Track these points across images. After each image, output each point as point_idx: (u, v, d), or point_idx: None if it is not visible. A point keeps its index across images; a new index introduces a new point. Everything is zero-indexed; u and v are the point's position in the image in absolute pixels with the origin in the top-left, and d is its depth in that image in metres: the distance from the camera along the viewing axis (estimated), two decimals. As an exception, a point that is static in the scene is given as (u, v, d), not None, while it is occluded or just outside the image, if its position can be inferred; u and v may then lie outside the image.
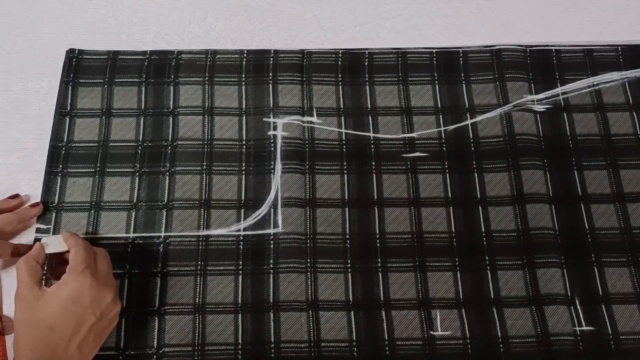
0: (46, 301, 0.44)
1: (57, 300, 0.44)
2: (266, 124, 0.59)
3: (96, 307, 0.45)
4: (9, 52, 0.63)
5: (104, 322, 0.45)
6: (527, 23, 0.66)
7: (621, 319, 0.52)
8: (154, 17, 0.65)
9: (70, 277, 0.45)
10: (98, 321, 0.45)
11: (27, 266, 0.45)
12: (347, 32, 0.65)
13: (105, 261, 0.48)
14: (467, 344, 0.51)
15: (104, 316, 0.45)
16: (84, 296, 0.44)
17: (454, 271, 0.54)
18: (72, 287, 0.44)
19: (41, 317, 0.44)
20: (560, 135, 0.60)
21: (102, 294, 0.45)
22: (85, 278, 0.44)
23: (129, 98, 0.60)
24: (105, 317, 0.45)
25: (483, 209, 0.56)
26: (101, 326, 0.45)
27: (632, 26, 0.65)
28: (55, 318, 0.43)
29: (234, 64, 0.62)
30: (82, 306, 0.44)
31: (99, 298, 0.45)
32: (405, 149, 0.59)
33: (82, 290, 0.44)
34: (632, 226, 0.56)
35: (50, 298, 0.44)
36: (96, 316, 0.45)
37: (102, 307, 0.45)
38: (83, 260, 0.46)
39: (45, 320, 0.43)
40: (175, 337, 0.51)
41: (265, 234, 0.55)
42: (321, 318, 0.52)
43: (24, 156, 0.58)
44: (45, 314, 0.44)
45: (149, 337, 0.51)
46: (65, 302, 0.44)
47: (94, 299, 0.45)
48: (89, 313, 0.44)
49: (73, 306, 0.44)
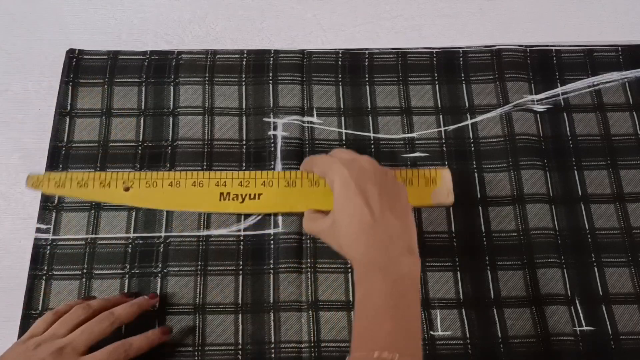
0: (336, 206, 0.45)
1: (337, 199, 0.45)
2: (266, 124, 0.59)
3: (368, 176, 0.45)
4: (9, 52, 0.63)
5: (388, 188, 0.45)
6: (527, 23, 0.66)
7: (621, 319, 0.52)
8: (154, 17, 0.65)
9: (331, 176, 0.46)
10: (382, 188, 0.44)
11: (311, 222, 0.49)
12: (347, 32, 0.65)
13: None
14: (467, 344, 0.51)
15: (383, 183, 0.45)
16: (348, 178, 0.45)
17: (454, 271, 0.54)
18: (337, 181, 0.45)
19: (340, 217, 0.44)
20: (560, 135, 0.60)
21: (361, 165, 0.46)
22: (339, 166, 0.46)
23: (129, 98, 0.60)
24: (385, 184, 0.45)
25: (483, 209, 0.56)
26: (390, 191, 0.45)
27: (632, 26, 0.66)
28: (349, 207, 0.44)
29: (234, 64, 0.62)
30: (355, 183, 0.44)
31: (361, 169, 0.46)
32: (405, 149, 0.59)
33: (344, 175, 0.45)
34: (632, 226, 0.56)
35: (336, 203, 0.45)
36: (376, 184, 0.44)
37: (374, 176, 0.45)
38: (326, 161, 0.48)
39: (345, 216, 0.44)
40: (175, 337, 0.51)
41: (265, 234, 0.55)
42: (321, 318, 0.52)
43: (24, 156, 0.58)
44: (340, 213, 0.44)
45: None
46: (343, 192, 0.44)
47: (361, 172, 0.45)
48: (368, 184, 0.44)
49: (349, 189, 0.44)
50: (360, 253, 0.43)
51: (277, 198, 0.53)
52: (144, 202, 0.54)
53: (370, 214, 0.43)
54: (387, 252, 0.42)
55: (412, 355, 0.39)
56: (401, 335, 0.39)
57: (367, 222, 0.43)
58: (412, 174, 0.54)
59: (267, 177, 0.54)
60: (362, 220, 0.43)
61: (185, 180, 0.54)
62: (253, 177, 0.54)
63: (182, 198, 0.54)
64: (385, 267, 0.41)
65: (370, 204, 0.43)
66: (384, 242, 0.42)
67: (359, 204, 0.43)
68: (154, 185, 0.54)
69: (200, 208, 0.55)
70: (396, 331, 0.39)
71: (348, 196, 0.44)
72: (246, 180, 0.54)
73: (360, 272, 0.43)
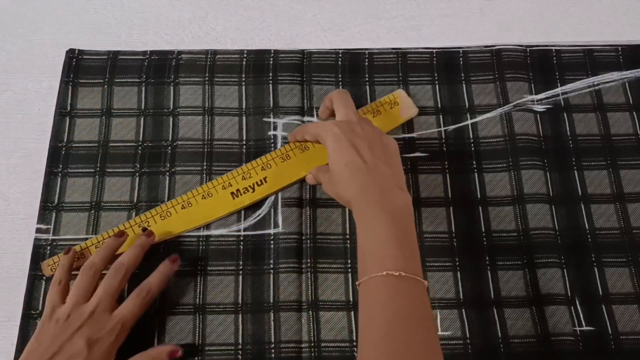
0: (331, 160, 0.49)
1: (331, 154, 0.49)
2: (266, 124, 0.59)
3: (357, 133, 0.49)
4: (9, 52, 0.63)
5: (376, 142, 0.49)
6: (527, 23, 0.66)
7: (621, 319, 0.52)
8: (154, 17, 0.65)
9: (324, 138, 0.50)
10: (370, 142, 0.48)
11: (321, 172, 0.53)
12: (347, 32, 0.65)
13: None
14: (467, 344, 0.51)
15: (371, 138, 0.49)
16: (339, 135, 0.49)
17: (454, 271, 0.54)
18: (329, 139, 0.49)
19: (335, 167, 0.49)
20: (560, 135, 0.60)
21: (350, 126, 0.50)
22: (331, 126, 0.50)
23: (129, 98, 0.60)
24: (373, 138, 0.49)
25: (483, 209, 0.56)
26: (378, 144, 0.49)
27: (632, 26, 0.66)
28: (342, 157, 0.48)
29: (234, 64, 0.62)
30: (346, 139, 0.48)
31: (350, 129, 0.49)
32: (405, 149, 0.59)
33: (335, 132, 0.49)
34: (632, 226, 0.56)
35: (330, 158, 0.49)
36: (364, 138, 0.49)
37: (362, 132, 0.49)
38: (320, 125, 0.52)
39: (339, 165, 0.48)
40: (175, 337, 0.51)
41: (265, 234, 0.55)
42: (321, 318, 0.52)
43: (24, 156, 0.58)
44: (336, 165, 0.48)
45: (149, 337, 0.51)
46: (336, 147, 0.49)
47: (350, 131, 0.49)
48: (357, 139, 0.48)
49: (341, 144, 0.48)
50: (356, 192, 0.47)
51: (281, 174, 0.56)
52: (167, 235, 0.54)
53: (363, 161, 0.47)
54: (380, 190, 0.46)
55: (415, 273, 0.43)
56: (404, 257, 0.43)
57: (359, 167, 0.47)
58: (375, 105, 0.59)
59: (263, 162, 0.56)
60: (354, 166, 0.47)
61: (195, 197, 0.55)
62: (252, 167, 0.56)
63: (200, 213, 0.55)
64: (381, 202, 0.45)
65: (361, 154, 0.48)
66: (376, 182, 0.46)
67: (351, 153, 0.48)
68: (168, 215, 0.54)
69: (220, 213, 0.55)
70: (400, 254, 0.43)
71: (340, 149, 0.48)
72: (247, 172, 0.56)
73: (358, 209, 0.46)
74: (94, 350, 0.45)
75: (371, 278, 0.43)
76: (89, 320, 0.46)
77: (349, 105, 0.53)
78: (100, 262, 0.49)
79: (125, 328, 0.47)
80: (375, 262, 0.43)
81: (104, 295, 0.47)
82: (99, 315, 0.46)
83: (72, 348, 0.45)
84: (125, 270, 0.49)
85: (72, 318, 0.46)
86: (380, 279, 0.42)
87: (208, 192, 0.55)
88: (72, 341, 0.45)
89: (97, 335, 0.46)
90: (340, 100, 0.53)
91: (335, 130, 0.49)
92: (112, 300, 0.48)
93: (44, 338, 0.45)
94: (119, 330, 0.47)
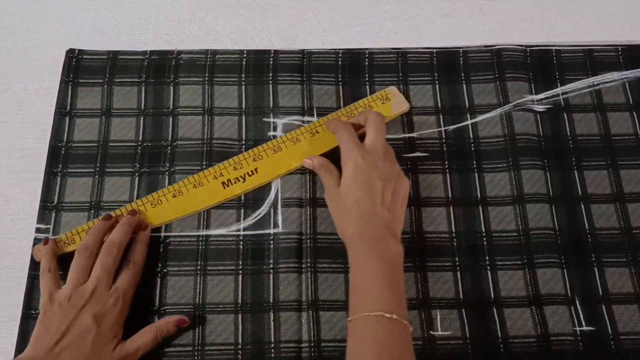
0: (344, 185, 0.52)
1: (346, 180, 0.52)
2: (266, 124, 0.59)
3: (377, 171, 0.51)
4: (9, 52, 0.63)
5: (391, 183, 0.51)
6: (527, 23, 0.66)
7: (621, 319, 0.52)
8: (154, 17, 0.65)
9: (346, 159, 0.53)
10: (385, 183, 0.51)
11: (327, 173, 0.54)
12: (347, 32, 0.65)
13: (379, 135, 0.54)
14: (467, 344, 0.51)
15: (388, 178, 0.51)
16: (361, 167, 0.51)
17: (454, 271, 0.54)
18: (350, 165, 0.52)
19: (345, 196, 0.51)
20: (561, 135, 0.60)
21: (374, 159, 0.52)
22: (357, 153, 0.52)
23: (128, 98, 0.60)
24: (390, 179, 0.51)
25: (483, 209, 0.56)
26: (391, 186, 0.51)
27: (632, 26, 0.66)
28: (355, 193, 0.51)
29: (234, 64, 0.62)
30: (365, 174, 0.51)
31: (373, 164, 0.51)
32: (405, 149, 0.59)
33: (358, 163, 0.51)
34: (632, 226, 0.56)
35: (344, 183, 0.52)
36: (381, 179, 0.51)
37: (382, 172, 0.51)
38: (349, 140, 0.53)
39: (349, 198, 0.51)
40: (174, 337, 0.51)
41: (265, 234, 0.55)
42: (321, 318, 0.52)
43: (24, 156, 0.58)
44: (347, 194, 0.51)
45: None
46: (352, 177, 0.51)
47: (371, 166, 0.51)
48: (374, 178, 0.51)
49: (358, 177, 0.51)
50: (356, 233, 0.49)
51: (272, 165, 0.57)
52: (157, 221, 0.55)
53: (371, 204, 0.50)
54: (378, 236, 0.49)
55: (403, 316, 0.45)
56: (396, 301, 0.46)
57: (365, 210, 0.50)
58: (368, 100, 0.60)
59: (255, 153, 0.57)
60: (362, 207, 0.50)
61: (186, 186, 0.55)
62: (243, 158, 0.57)
63: (190, 202, 0.55)
64: (378, 248, 0.48)
65: (372, 194, 0.50)
66: (376, 228, 0.49)
67: (364, 191, 0.50)
68: (159, 202, 0.55)
69: (210, 203, 0.55)
70: (392, 298, 0.46)
71: (355, 182, 0.51)
72: (238, 162, 0.57)
73: (354, 249, 0.49)
74: (102, 324, 0.47)
75: (365, 316, 0.45)
76: (92, 298, 0.48)
77: (381, 132, 0.54)
78: (93, 244, 0.51)
79: (126, 300, 0.49)
80: (369, 301, 0.45)
81: (102, 273, 0.49)
82: (100, 292, 0.48)
83: (81, 325, 0.46)
84: (117, 248, 0.50)
85: (75, 299, 0.47)
86: (374, 318, 0.44)
87: (199, 182, 0.56)
88: (80, 319, 0.47)
89: (103, 310, 0.47)
90: (375, 124, 0.54)
91: (359, 161, 0.51)
92: (109, 277, 0.49)
93: (51, 321, 0.47)
94: (122, 303, 0.49)
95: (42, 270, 0.50)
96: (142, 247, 0.53)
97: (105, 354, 0.46)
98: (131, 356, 0.48)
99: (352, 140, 0.53)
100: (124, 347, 0.47)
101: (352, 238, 0.50)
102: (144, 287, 0.52)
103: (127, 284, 0.50)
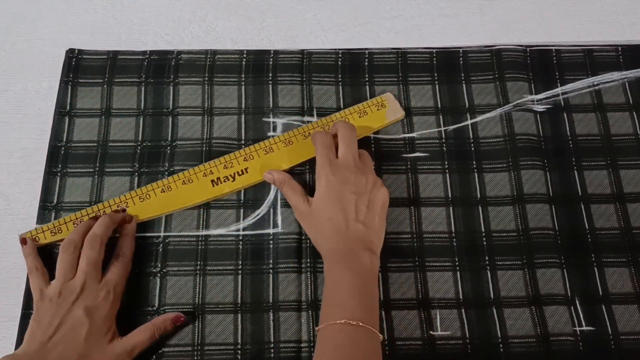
0: (317, 203, 0.52)
1: (320, 197, 0.51)
2: (266, 124, 0.59)
3: (349, 186, 0.51)
4: (9, 52, 0.63)
5: (365, 196, 0.51)
6: (527, 23, 0.66)
7: (621, 319, 0.52)
8: (154, 17, 0.65)
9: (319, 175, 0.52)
10: (359, 197, 0.50)
11: (290, 190, 0.54)
12: (347, 32, 0.65)
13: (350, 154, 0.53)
14: (467, 344, 0.51)
15: (361, 192, 0.51)
16: (332, 183, 0.51)
17: (454, 271, 0.54)
18: (322, 182, 0.52)
19: (319, 214, 0.51)
20: (560, 135, 0.60)
21: (345, 175, 0.51)
22: (328, 169, 0.52)
23: (128, 98, 0.60)
24: (364, 192, 0.51)
25: (483, 209, 0.56)
26: (366, 199, 0.51)
27: (632, 26, 0.65)
28: (328, 210, 0.50)
29: (234, 64, 0.62)
30: (337, 190, 0.51)
31: (344, 179, 0.51)
32: (405, 149, 0.59)
33: (330, 180, 0.51)
34: (632, 226, 0.56)
35: (318, 200, 0.52)
36: (354, 193, 0.50)
37: (354, 186, 0.51)
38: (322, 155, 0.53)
39: (323, 215, 0.51)
40: (174, 337, 0.51)
41: (264, 234, 0.55)
42: (321, 318, 0.52)
43: (24, 156, 0.58)
44: (320, 212, 0.51)
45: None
46: (325, 194, 0.51)
47: (343, 181, 0.51)
48: (346, 193, 0.50)
49: (330, 194, 0.51)
50: (330, 250, 0.50)
51: (262, 166, 0.57)
52: (144, 215, 0.55)
53: (344, 220, 0.50)
54: (351, 250, 0.49)
55: (372, 325, 0.45)
56: (363, 309, 0.46)
57: (339, 227, 0.50)
58: (363, 106, 0.60)
59: (246, 152, 0.57)
60: (335, 224, 0.50)
61: (175, 182, 0.55)
62: (234, 157, 0.57)
63: (178, 198, 0.55)
64: (350, 261, 0.48)
65: (345, 211, 0.50)
66: (349, 243, 0.49)
67: (337, 209, 0.50)
68: (147, 197, 0.55)
69: (198, 200, 0.55)
70: (359, 307, 0.46)
71: (328, 200, 0.51)
72: (229, 161, 0.56)
73: (328, 264, 0.49)
74: (94, 318, 0.47)
75: (330, 325, 0.45)
76: (82, 292, 0.48)
77: (350, 145, 0.53)
78: (78, 238, 0.51)
79: (117, 293, 0.49)
80: (336, 311, 0.46)
81: (88, 266, 0.49)
82: (90, 286, 0.48)
83: (74, 319, 0.47)
84: (100, 240, 0.50)
85: (65, 294, 0.48)
86: (338, 326, 0.45)
87: (189, 178, 0.56)
88: (72, 313, 0.47)
89: (94, 304, 0.48)
90: (344, 137, 0.54)
91: (330, 178, 0.51)
92: (97, 271, 0.49)
93: (43, 317, 0.47)
94: (113, 297, 0.49)
95: (30, 270, 0.50)
96: (129, 240, 0.53)
97: (99, 347, 0.47)
98: (128, 353, 0.48)
99: (325, 154, 0.53)
100: (120, 344, 0.48)
101: (327, 254, 0.50)
102: (143, 287, 0.53)
103: (117, 277, 0.50)
